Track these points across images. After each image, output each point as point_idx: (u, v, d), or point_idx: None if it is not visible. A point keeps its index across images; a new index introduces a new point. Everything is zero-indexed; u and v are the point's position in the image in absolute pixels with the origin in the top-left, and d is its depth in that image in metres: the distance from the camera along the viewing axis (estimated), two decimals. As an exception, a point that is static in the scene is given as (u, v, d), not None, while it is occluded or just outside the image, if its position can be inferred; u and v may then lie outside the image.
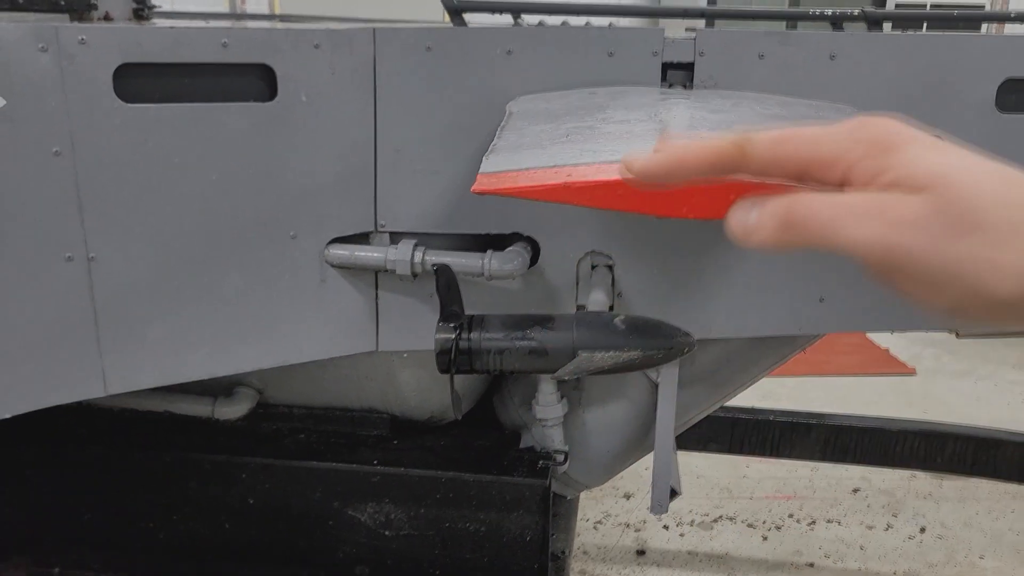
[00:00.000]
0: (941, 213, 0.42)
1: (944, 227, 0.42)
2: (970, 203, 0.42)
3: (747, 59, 1.58)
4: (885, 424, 2.79)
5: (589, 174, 0.79)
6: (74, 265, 1.44)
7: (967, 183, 0.43)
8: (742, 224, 0.48)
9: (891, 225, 0.43)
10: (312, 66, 1.51)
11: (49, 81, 1.35)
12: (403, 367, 1.87)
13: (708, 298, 1.71)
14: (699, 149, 0.49)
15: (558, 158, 0.88)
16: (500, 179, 0.87)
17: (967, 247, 0.42)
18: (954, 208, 0.42)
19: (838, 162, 0.46)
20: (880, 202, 0.44)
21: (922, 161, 0.44)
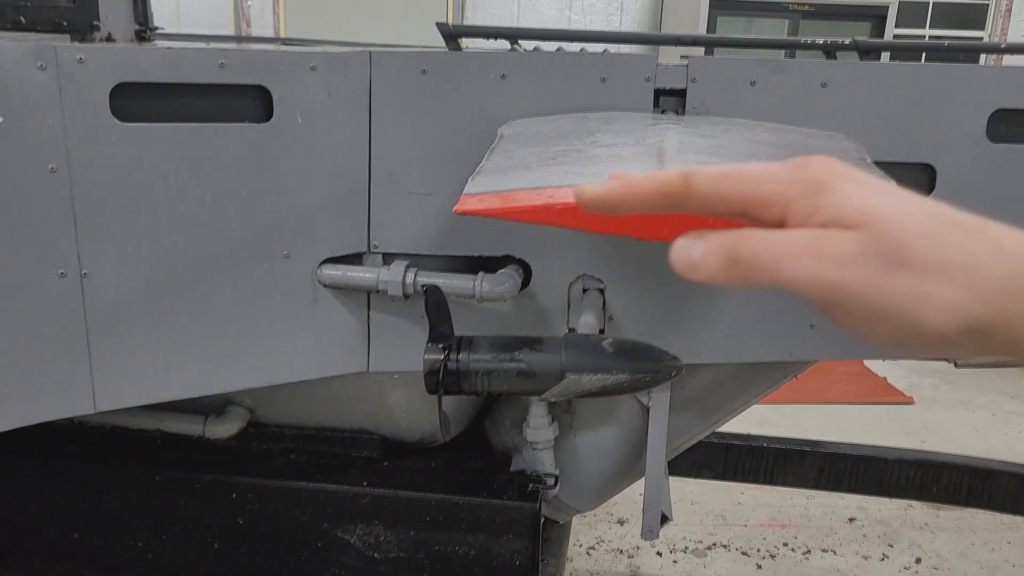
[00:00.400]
0: (873, 250, 0.44)
1: (877, 263, 0.43)
2: (900, 239, 0.43)
3: (739, 86, 1.60)
4: (880, 453, 2.78)
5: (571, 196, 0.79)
6: (67, 281, 1.44)
7: (896, 220, 0.44)
8: (686, 258, 0.48)
9: (828, 262, 0.44)
10: (308, 88, 1.53)
11: (47, 99, 1.36)
12: (394, 388, 1.87)
13: (699, 323, 1.72)
14: (647, 181, 0.50)
15: (543, 180, 0.89)
16: (483, 200, 0.88)
17: (899, 282, 0.43)
18: (885, 245, 0.44)
19: (777, 201, 0.47)
20: (817, 240, 0.45)
21: (853, 199, 0.45)
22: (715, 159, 1.08)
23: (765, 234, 0.46)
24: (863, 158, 1.31)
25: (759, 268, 0.46)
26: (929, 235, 0.44)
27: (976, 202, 1.63)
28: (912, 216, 0.44)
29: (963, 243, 0.44)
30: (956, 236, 0.44)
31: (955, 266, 0.43)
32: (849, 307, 0.45)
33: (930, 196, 1.62)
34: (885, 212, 0.44)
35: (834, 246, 0.44)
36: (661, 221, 0.85)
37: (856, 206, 0.45)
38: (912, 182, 1.66)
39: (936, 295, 0.43)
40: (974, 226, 0.45)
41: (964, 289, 0.42)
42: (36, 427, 1.54)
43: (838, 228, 0.45)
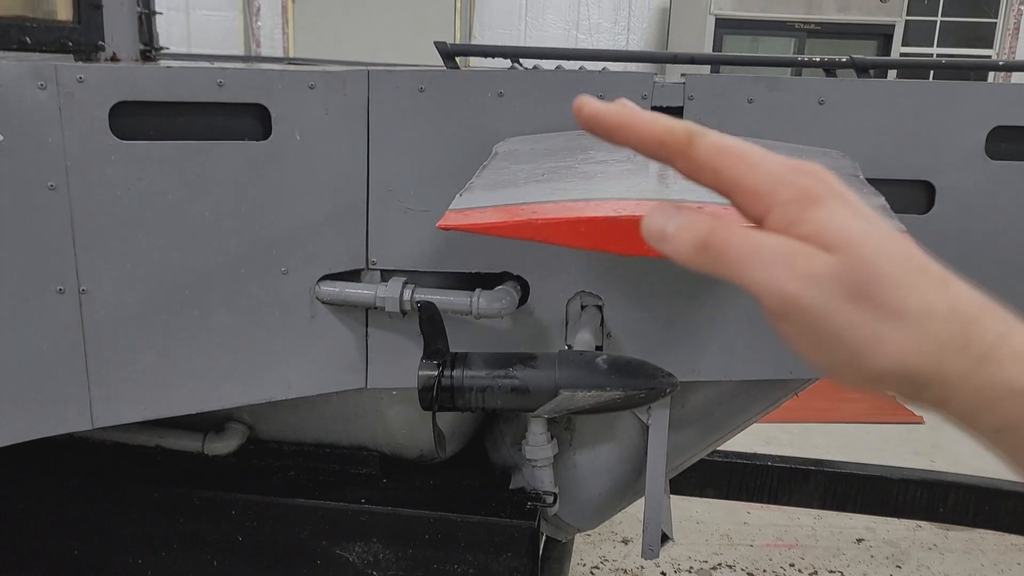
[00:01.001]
0: (842, 277, 0.44)
1: (841, 291, 0.44)
2: (870, 275, 0.44)
3: (737, 104, 1.60)
4: (886, 472, 2.75)
5: (554, 212, 0.80)
6: (65, 297, 1.45)
7: (872, 256, 0.44)
8: (659, 227, 0.47)
9: (796, 276, 0.44)
10: (306, 106, 1.54)
11: (47, 117, 1.38)
12: (392, 404, 1.87)
13: (698, 340, 1.71)
14: (651, 122, 0.48)
15: (528, 196, 0.89)
16: (467, 215, 0.88)
17: (856, 316, 0.43)
18: (854, 276, 0.44)
19: (765, 196, 0.46)
20: (792, 251, 0.44)
21: (838, 222, 0.45)
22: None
23: (743, 229, 0.45)
24: (856, 175, 1.30)
25: (727, 261, 0.45)
26: (897, 278, 0.44)
27: (975, 219, 1.63)
28: (887, 255, 0.44)
29: (925, 292, 0.44)
30: (921, 284, 0.44)
31: (911, 313, 0.43)
32: (801, 325, 0.45)
33: (929, 214, 1.62)
34: (864, 244, 0.44)
35: (806, 262, 0.44)
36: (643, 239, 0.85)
37: (839, 230, 0.44)
38: (911, 199, 1.66)
39: (886, 337, 0.43)
40: (938, 278, 0.45)
41: (912, 337, 0.43)
42: (37, 443, 1.55)
43: (815, 245, 0.44)
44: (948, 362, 0.43)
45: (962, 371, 0.43)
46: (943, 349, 0.43)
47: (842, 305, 0.43)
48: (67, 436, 2.01)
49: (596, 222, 0.79)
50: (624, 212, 0.79)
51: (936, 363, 0.43)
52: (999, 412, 0.43)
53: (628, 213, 0.78)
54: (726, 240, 0.45)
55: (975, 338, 0.43)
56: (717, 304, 1.69)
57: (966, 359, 0.43)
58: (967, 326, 0.44)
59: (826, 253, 0.44)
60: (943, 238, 1.63)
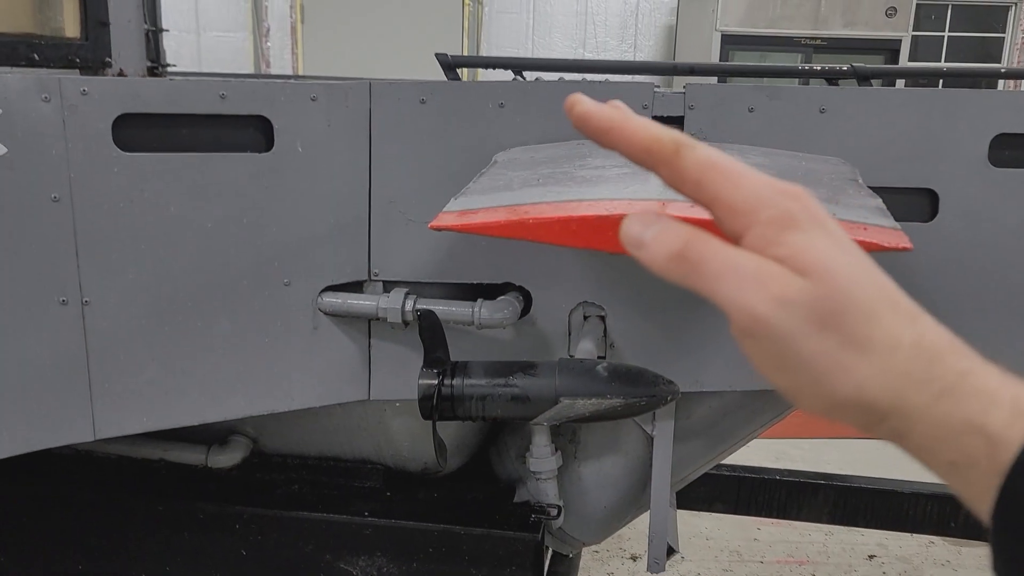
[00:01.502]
0: (814, 304, 0.44)
1: (811, 318, 0.44)
2: (841, 304, 0.44)
3: (737, 113, 1.60)
4: (896, 486, 2.71)
5: (546, 211, 0.80)
6: (68, 308, 1.46)
7: (846, 286, 0.44)
8: (637, 234, 0.47)
9: (767, 298, 0.44)
10: (309, 118, 1.55)
11: (51, 130, 1.39)
12: (395, 416, 1.86)
13: (703, 350, 1.70)
14: (642, 129, 0.49)
15: (522, 199, 0.89)
16: (460, 216, 0.88)
17: (823, 344, 0.44)
18: (826, 304, 0.44)
19: (745, 215, 0.46)
20: (766, 273, 0.45)
21: (814, 247, 0.45)
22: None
23: (720, 244, 0.46)
24: (855, 179, 1.30)
25: (701, 275, 0.46)
26: (868, 310, 0.44)
27: (979, 227, 1.62)
28: (860, 286, 0.45)
29: (893, 326, 0.44)
30: (890, 317, 0.45)
31: (877, 346, 0.44)
32: (767, 346, 0.45)
33: (933, 222, 1.61)
34: (838, 273, 0.44)
35: (780, 285, 0.44)
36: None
37: (815, 256, 0.45)
38: (914, 208, 1.65)
39: (850, 366, 0.44)
40: (908, 313, 0.46)
41: (876, 369, 0.44)
42: (42, 456, 1.55)
43: (791, 268, 0.45)
44: (909, 395, 0.44)
45: (922, 405, 0.44)
46: (905, 382, 0.44)
47: (810, 331, 0.44)
48: (72, 449, 2.02)
49: (588, 220, 0.79)
50: (616, 211, 0.79)
51: (897, 396, 0.44)
52: (956, 447, 0.43)
53: (620, 212, 0.78)
54: (702, 253, 0.46)
55: (938, 374, 0.44)
56: (721, 314, 1.67)
57: (927, 393, 0.43)
58: (931, 362, 0.44)
59: (800, 278, 0.44)
60: (947, 246, 1.62)
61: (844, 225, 0.92)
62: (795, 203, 0.46)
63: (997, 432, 0.42)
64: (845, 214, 0.94)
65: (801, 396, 0.46)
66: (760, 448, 2.12)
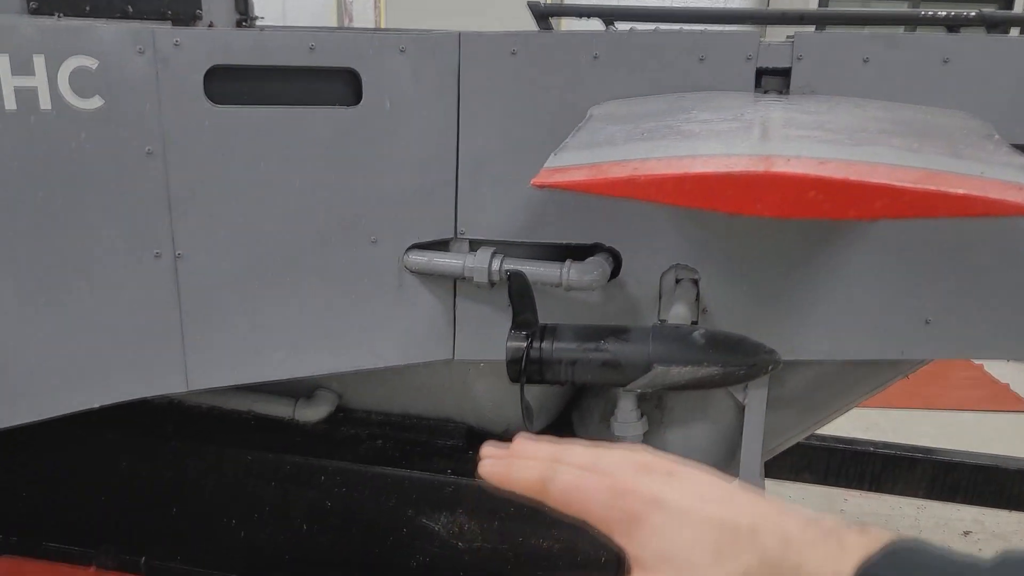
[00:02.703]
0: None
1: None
2: None
3: (850, 64, 1.49)
4: (1000, 462, 2.58)
5: (657, 168, 0.74)
6: (162, 262, 1.48)
7: (690, 568, 0.52)
8: None
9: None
10: (397, 71, 1.51)
11: (144, 83, 1.39)
12: (479, 377, 1.84)
13: (800, 317, 1.62)
14: (516, 477, 0.60)
15: (628, 154, 0.83)
16: (564, 173, 0.83)
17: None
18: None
19: (604, 525, 0.55)
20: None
21: (652, 543, 0.53)
22: (819, 134, 1.00)
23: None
24: (993, 136, 1.19)
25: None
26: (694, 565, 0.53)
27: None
28: (699, 567, 0.52)
29: (745, 573, 0.52)
30: (731, 567, 0.52)
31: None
32: None
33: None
34: (680, 561, 0.52)
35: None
36: (755, 195, 0.79)
37: (654, 553, 0.53)
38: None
39: None
40: (736, 549, 0.52)
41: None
42: (137, 405, 1.59)
43: (647, 573, 0.53)
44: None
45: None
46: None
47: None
48: (165, 399, 2.07)
49: (705, 179, 0.73)
50: (736, 168, 0.72)
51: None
52: None
53: (741, 169, 0.72)
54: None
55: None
56: (820, 279, 1.59)
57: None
58: None
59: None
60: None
61: (995, 185, 0.83)
62: (631, 500, 0.55)
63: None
64: (993, 172, 0.85)
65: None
66: (849, 416, 2.02)
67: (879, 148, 0.95)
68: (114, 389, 1.52)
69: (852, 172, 0.79)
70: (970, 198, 0.78)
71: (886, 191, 0.78)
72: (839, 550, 0.50)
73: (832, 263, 1.57)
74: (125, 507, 2.05)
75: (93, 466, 2.05)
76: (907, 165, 0.84)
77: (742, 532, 0.53)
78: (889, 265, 1.55)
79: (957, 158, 0.92)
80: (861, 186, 0.78)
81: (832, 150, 0.88)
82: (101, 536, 2.00)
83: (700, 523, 0.53)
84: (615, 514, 0.55)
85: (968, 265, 1.53)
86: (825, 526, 0.52)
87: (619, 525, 0.55)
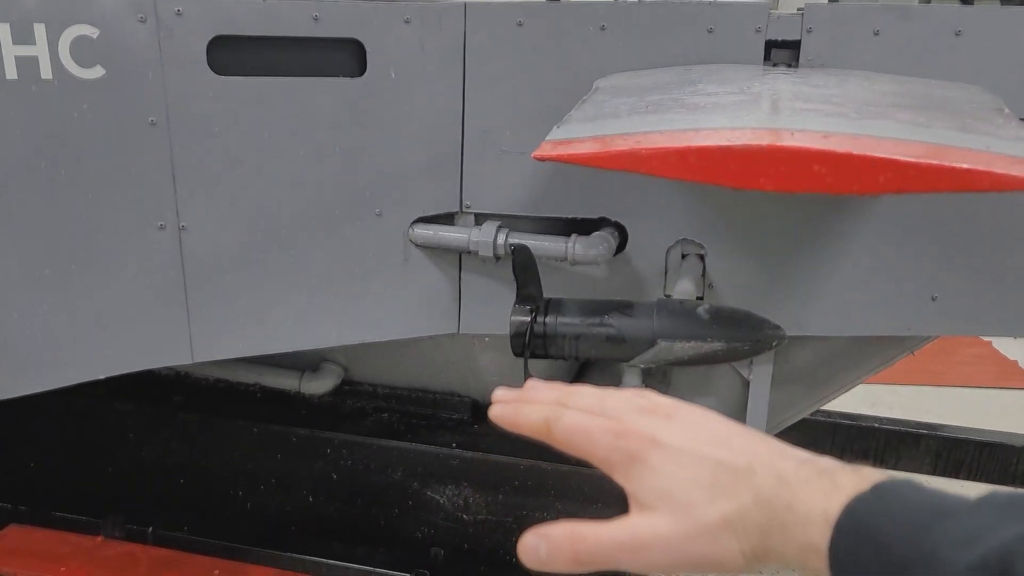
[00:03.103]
0: (672, 531, 0.53)
1: (677, 542, 0.53)
2: (691, 519, 0.53)
3: (860, 36, 1.47)
4: (1007, 439, 2.57)
5: (660, 141, 0.73)
6: (166, 233, 1.47)
7: (686, 510, 0.53)
8: (535, 558, 0.56)
9: (644, 553, 0.54)
10: (402, 41, 1.50)
11: (147, 52, 1.38)
12: (484, 351, 1.84)
13: (807, 293, 1.61)
14: (524, 419, 0.61)
15: (631, 127, 0.82)
16: (566, 146, 0.82)
17: (696, 547, 0.53)
18: (682, 523, 0.53)
19: (606, 465, 0.57)
20: (634, 538, 0.54)
21: (651, 483, 0.55)
22: (825, 107, 0.98)
23: (596, 531, 0.55)
24: (1003, 110, 1.17)
25: (602, 561, 0.55)
26: (706, 527, 0.54)
27: None
28: (696, 504, 0.53)
29: (740, 511, 0.53)
30: (727, 505, 0.53)
31: (731, 525, 0.53)
32: (661, 570, 0.56)
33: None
34: (677, 498, 0.54)
35: (645, 539, 0.54)
36: (759, 169, 0.78)
37: (652, 490, 0.54)
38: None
39: (728, 548, 0.53)
40: (732, 484, 0.54)
41: (742, 538, 0.53)
42: (146, 377, 1.60)
43: (644, 511, 0.54)
44: (767, 540, 0.53)
45: (768, 549, 0.53)
46: (760, 533, 0.53)
47: (683, 548, 0.54)
48: (173, 371, 2.08)
49: (707, 152, 0.72)
50: (740, 142, 0.71)
51: (761, 546, 0.53)
52: (800, 561, 0.53)
53: (744, 143, 0.71)
54: (588, 547, 0.55)
55: (774, 520, 0.52)
56: (827, 254, 1.58)
57: (769, 539, 0.53)
58: (771, 510, 0.52)
59: (654, 517, 0.54)
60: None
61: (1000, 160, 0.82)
62: (632, 440, 0.56)
63: (821, 545, 0.51)
64: (1000, 147, 0.83)
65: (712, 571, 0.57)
66: (855, 392, 2.02)
67: (885, 122, 0.94)
68: (119, 360, 1.52)
69: (856, 146, 0.78)
70: (975, 172, 0.77)
71: (890, 165, 0.77)
72: (831, 488, 0.51)
73: (839, 239, 1.56)
74: (133, 478, 2.07)
75: (101, 437, 2.07)
76: (912, 139, 0.83)
77: (739, 471, 0.54)
78: (896, 241, 1.53)
79: (964, 132, 0.90)
80: (865, 160, 0.77)
81: (837, 124, 0.87)
82: (109, 506, 2.02)
83: (697, 462, 0.55)
84: (616, 455, 0.56)
85: (976, 241, 1.52)
86: (820, 466, 0.53)
87: (619, 465, 0.56)
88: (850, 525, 0.49)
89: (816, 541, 0.50)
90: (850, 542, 0.49)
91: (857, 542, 0.49)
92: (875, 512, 0.49)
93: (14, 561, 1.92)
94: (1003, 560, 0.44)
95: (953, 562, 0.45)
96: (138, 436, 2.05)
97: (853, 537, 0.49)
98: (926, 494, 0.50)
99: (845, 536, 0.49)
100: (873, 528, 0.49)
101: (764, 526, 0.53)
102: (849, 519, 0.49)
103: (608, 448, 0.57)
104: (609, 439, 0.57)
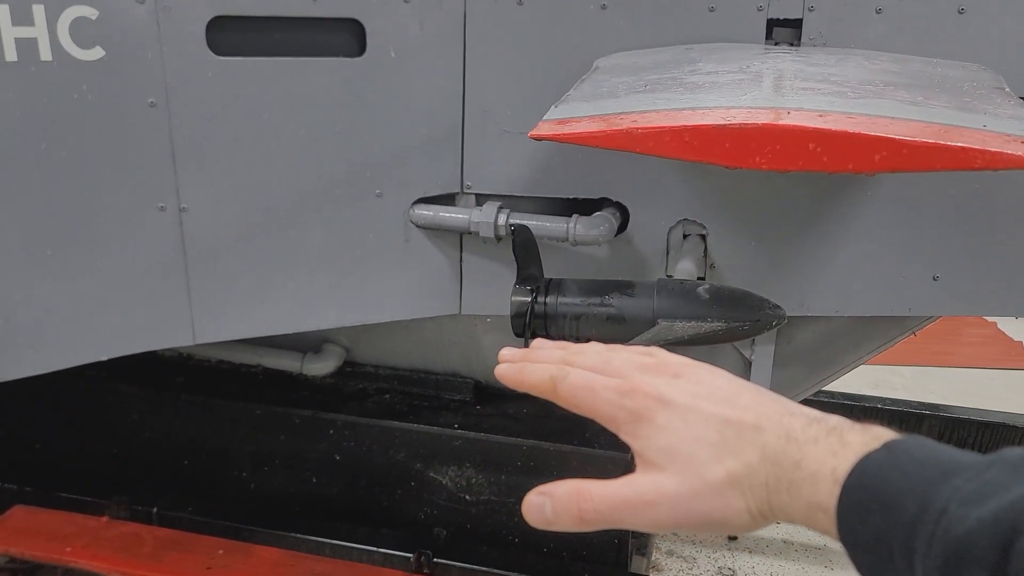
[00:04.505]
0: (678, 490, 0.54)
1: (684, 500, 0.54)
2: (698, 477, 0.53)
3: (862, 14, 1.46)
4: (1010, 419, 2.58)
5: (656, 120, 0.73)
6: (166, 215, 1.48)
7: (690, 465, 0.54)
8: (540, 516, 0.57)
9: (650, 509, 0.54)
10: (401, 21, 1.49)
11: (146, 33, 1.38)
12: (486, 331, 1.84)
13: (809, 273, 1.61)
14: (529, 376, 0.61)
15: (629, 106, 0.82)
16: (563, 125, 0.82)
17: (705, 504, 0.54)
18: (685, 483, 0.53)
19: (611, 422, 0.57)
20: (638, 494, 0.54)
21: (657, 441, 0.55)
22: (824, 86, 0.98)
23: (601, 489, 0.55)
24: (1002, 88, 1.16)
25: (607, 519, 0.55)
26: (713, 486, 0.54)
27: None
28: (702, 462, 0.53)
29: (746, 469, 0.53)
30: (733, 463, 0.53)
31: (737, 483, 0.53)
32: (667, 528, 0.56)
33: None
34: (683, 456, 0.54)
35: (651, 496, 0.54)
36: (755, 148, 0.77)
37: (658, 449, 0.54)
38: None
39: (734, 506, 0.53)
40: (738, 445, 0.54)
41: (749, 496, 0.53)
42: (150, 359, 1.60)
43: (650, 469, 0.54)
44: (773, 497, 0.53)
45: (776, 507, 0.53)
46: (765, 490, 0.53)
47: (689, 506, 0.54)
48: (176, 352, 2.09)
49: (703, 131, 0.72)
50: (735, 120, 0.71)
51: (765, 503, 0.53)
52: (807, 520, 0.53)
53: (740, 121, 0.70)
54: (594, 504, 0.55)
55: (782, 479, 0.52)
56: (829, 234, 1.57)
57: (777, 497, 0.53)
58: (777, 468, 0.52)
59: (659, 476, 0.54)
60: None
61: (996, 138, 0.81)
62: (639, 399, 0.56)
63: (829, 503, 0.50)
64: (997, 125, 0.83)
65: (717, 531, 0.57)
66: (858, 374, 2.02)
67: (883, 101, 0.93)
68: (120, 342, 1.53)
69: (851, 124, 0.78)
70: (970, 151, 0.77)
71: (885, 144, 0.77)
72: (840, 446, 0.51)
73: (841, 219, 1.55)
74: (137, 458, 2.08)
75: (106, 418, 2.08)
76: (909, 118, 0.82)
77: (746, 429, 0.54)
78: (897, 221, 1.53)
79: (961, 111, 0.90)
80: (860, 138, 0.76)
81: (834, 102, 0.86)
82: (113, 487, 2.04)
83: (704, 420, 0.55)
84: (621, 413, 0.56)
85: (977, 221, 1.51)
86: (829, 424, 0.52)
87: (625, 424, 0.56)
88: (859, 483, 0.49)
89: (824, 500, 0.50)
90: (858, 500, 0.49)
91: (866, 500, 0.48)
92: (885, 469, 0.48)
93: (20, 541, 1.94)
94: (1014, 518, 0.43)
95: (963, 518, 0.44)
96: (142, 417, 2.07)
97: (862, 494, 0.49)
98: (938, 452, 0.49)
99: (853, 494, 0.49)
100: (882, 485, 0.48)
101: (771, 484, 0.52)
102: (858, 477, 0.49)
103: (614, 406, 0.57)
104: (615, 397, 0.57)
